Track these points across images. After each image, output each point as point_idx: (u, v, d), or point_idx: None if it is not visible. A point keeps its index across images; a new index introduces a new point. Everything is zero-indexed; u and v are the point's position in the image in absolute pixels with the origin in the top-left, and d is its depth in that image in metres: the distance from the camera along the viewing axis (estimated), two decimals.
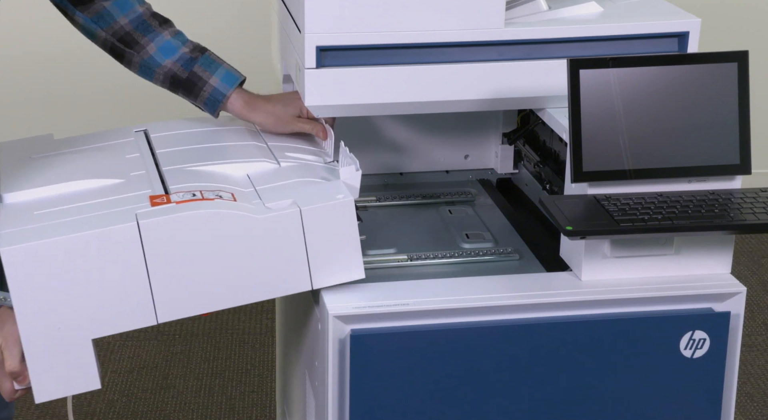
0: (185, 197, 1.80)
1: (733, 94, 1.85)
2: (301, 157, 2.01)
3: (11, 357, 1.81)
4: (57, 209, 1.81)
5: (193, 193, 1.81)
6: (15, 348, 1.80)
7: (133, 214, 1.74)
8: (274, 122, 2.10)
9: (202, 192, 1.82)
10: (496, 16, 1.93)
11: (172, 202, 1.78)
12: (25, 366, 1.81)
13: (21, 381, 1.82)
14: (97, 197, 1.84)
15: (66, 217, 1.77)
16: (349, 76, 1.92)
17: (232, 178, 1.92)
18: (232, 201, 1.80)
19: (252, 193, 1.86)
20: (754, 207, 1.83)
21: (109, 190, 1.86)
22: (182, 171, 1.93)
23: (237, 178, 1.92)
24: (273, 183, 1.90)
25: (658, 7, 2.07)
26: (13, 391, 1.85)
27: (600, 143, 1.83)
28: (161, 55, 2.11)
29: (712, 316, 1.87)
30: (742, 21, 4.41)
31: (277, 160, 1.98)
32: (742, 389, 3.30)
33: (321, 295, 1.84)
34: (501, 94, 1.97)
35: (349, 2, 1.87)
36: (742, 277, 3.82)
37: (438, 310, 1.82)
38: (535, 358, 1.84)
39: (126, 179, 1.91)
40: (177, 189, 1.84)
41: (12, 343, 1.80)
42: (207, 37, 4.27)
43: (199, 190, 1.83)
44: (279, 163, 1.98)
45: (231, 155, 2.00)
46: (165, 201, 1.79)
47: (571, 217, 1.78)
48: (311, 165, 1.98)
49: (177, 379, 3.32)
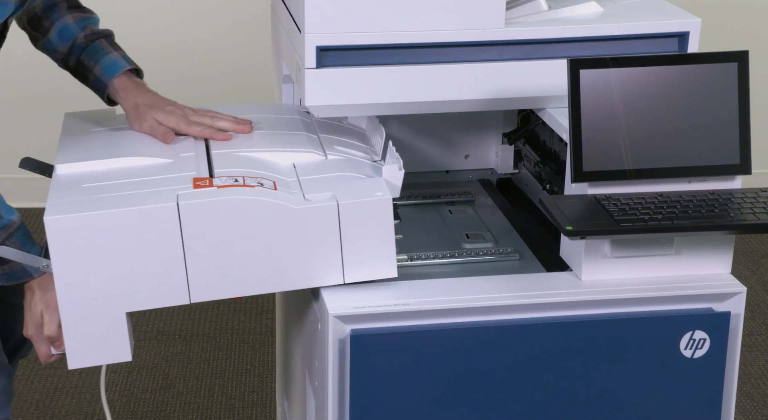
0: (227, 182, 1.83)
1: (734, 94, 1.85)
2: (349, 152, 2.02)
3: (51, 322, 1.90)
4: (105, 184, 1.86)
5: (235, 179, 1.84)
6: (55, 314, 1.88)
7: (175, 195, 1.78)
8: (132, 115, 2.08)
9: (245, 178, 1.85)
10: (497, 16, 1.92)
11: (214, 186, 1.82)
12: (62, 332, 1.87)
13: (58, 346, 1.92)
14: (144, 175, 1.89)
15: (112, 192, 1.82)
16: (349, 76, 1.92)
17: (277, 167, 1.94)
18: (273, 189, 1.83)
19: (294, 183, 1.89)
20: (754, 207, 1.83)
21: (157, 169, 1.91)
22: (230, 156, 1.96)
23: (282, 167, 1.94)
24: (316, 175, 1.92)
25: (658, 7, 2.07)
26: (49, 355, 1.94)
27: (600, 143, 1.83)
28: (57, 40, 2.13)
29: (713, 316, 1.87)
30: (742, 21, 4.41)
31: (324, 153, 2.00)
32: (742, 389, 3.30)
33: (321, 295, 1.84)
34: (501, 94, 1.97)
35: (349, 2, 1.87)
36: (742, 277, 3.82)
37: (438, 310, 1.82)
38: (535, 358, 1.84)
39: (175, 160, 1.95)
40: (221, 173, 1.88)
41: (53, 308, 1.89)
42: (207, 37, 4.28)
43: (242, 175, 1.86)
44: (326, 156, 1.99)
45: (281, 144, 2.02)
46: (207, 184, 1.83)
47: (571, 217, 1.78)
48: (357, 161, 1.99)
49: (177, 379, 3.32)
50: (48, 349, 1.93)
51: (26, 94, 4.31)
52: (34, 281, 1.92)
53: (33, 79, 4.24)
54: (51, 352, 1.93)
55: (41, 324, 1.91)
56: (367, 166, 1.97)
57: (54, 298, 1.87)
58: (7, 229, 1.87)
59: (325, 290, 1.85)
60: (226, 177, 1.85)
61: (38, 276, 1.91)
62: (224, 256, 1.79)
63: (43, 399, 3.20)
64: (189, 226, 1.77)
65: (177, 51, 4.23)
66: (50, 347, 1.93)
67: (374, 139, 2.07)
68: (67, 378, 3.30)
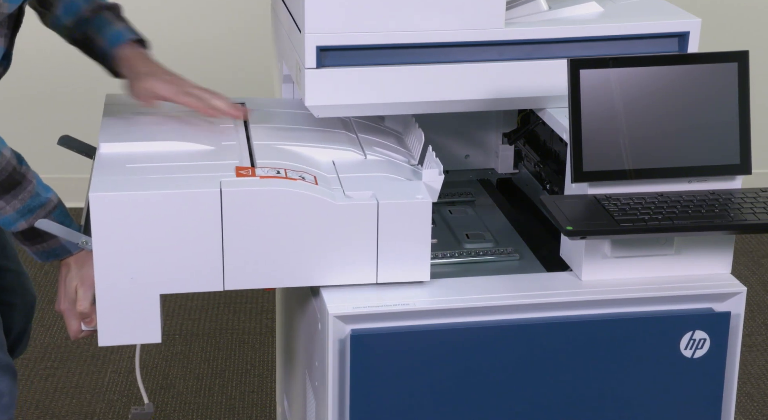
0: (269, 173, 1.85)
1: (734, 94, 1.85)
2: (387, 154, 2.03)
3: (84, 298, 1.92)
4: (148, 165, 1.88)
5: (277, 171, 1.86)
6: (89, 290, 1.91)
7: (218, 182, 1.80)
8: (130, 83, 2.06)
9: (287, 171, 1.87)
10: (497, 16, 1.92)
11: (257, 176, 1.84)
12: (94, 309, 1.90)
13: (88, 322, 1.94)
14: (186, 160, 1.91)
15: (155, 174, 1.84)
16: (349, 76, 1.92)
17: (317, 162, 1.95)
18: (314, 184, 1.84)
19: (334, 180, 1.90)
20: (755, 207, 1.83)
21: (199, 155, 1.93)
22: (271, 147, 1.98)
23: (322, 163, 1.96)
24: (356, 173, 1.94)
25: (658, 7, 2.07)
26: (79, 331, 1.96)
27: (600, 143, 1.83)
28: (64, 15, 2.12)
29: (713, 316, 1.87)
30: (742, 21, 4.41)
31: (363, 152, 2.01)
32: (742, 389, 3.30)
33: (321, 295, 1.84)
34: (501, 94, 1.97)
35: (349, 2, 1.87)
36: (742, 277, 3.82)
37: (438, 310, 1.82)
38: (536, 358, 1.84)
39: (216, 147, 1.96)
40: (263, 164, 1.90)
41: (88, 285, 1.92)
42: (208, 37, 4.28)
43: (284, 168, 1.88)
44: (365, 156, 2.00)
45: (321, 140, 2.03)
46: (250, 174, 1.85)
47: (572, 217, 1.78)
48: (396, 163, 2.01)
49: (177, 379, 3.32)
50: (78, 324, 1.95)
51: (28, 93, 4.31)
52: (71, 257, 1.95)
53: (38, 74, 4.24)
54: (81, 328, 1.95)
55: (74, 299, 1.93)
56: (404, 169, 1.98)
57: (89, 274, 1.89)
58: (45, 207, 1.89)
59: (325, 290, 1.85)
60: (269, 168, 1.87)
61: (76, 252, 1.93)
62: (261, 246, 1.81)
63: (43, 399, 3.20)
64: (230, 214, 1.79)
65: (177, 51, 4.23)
66: (80, 323, 1.94)
67: (410, 142, 2.08)
68: (67, 378, 3.30)
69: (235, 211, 1.79)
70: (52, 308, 3.61)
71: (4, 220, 1.88)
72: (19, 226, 1.89)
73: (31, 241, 1.92)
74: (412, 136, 2.07)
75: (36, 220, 1.88)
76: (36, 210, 1.88)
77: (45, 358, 3.38)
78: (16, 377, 2.07)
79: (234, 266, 1.81)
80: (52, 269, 3.80)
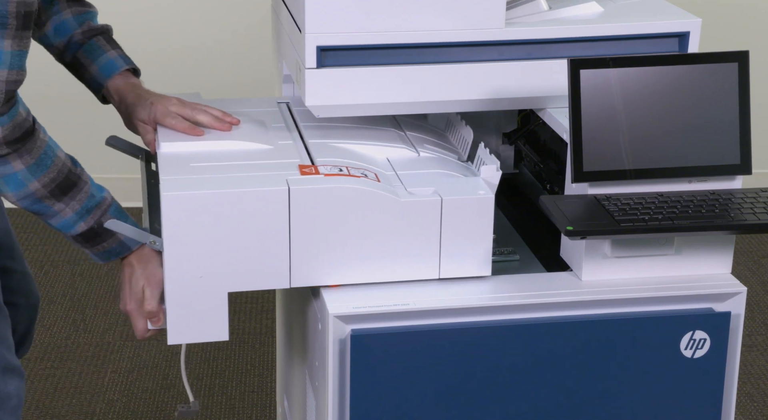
0: (332, 171, 1.87)
1: (734, 94, 1.85)
2: (439, 151, 2.05)
3: (152, 297, 1.92)
4: (212, 164, 1.90)
5: (340, 168, 1.88)
6: (156, 289, 1.92)
7: (284, 180, 1.82)
8: (124, 119, 2.11)
9: (349, 168, 1.89)
10: (497, 16, 1.92)
11: (321, 174, 1.85)
12: (161, 308, 1.91)
13: (155, 322, 1.94)
14: (247, 159, 1.93)
15: (221, 173, 1.86)
16: (350, 76, 1.92)
17: (373, 160, 1.98)
18: (376, 181, 1.86)
19: (393, 177, 1.92)
20: (755, 207, 1.83)
21: (260, 154, 1.95)
22: (326, 145, 2.00)
23: (378, 161, 1.98)
24: (412, 170, 1.96)
25: (659, 7, 2.07)
26: (145, 331, 1.96)
27: (600, 143, 1.83)
28: (54, 35, 2.13)
29: (713, 316, 1.87)
30: (742, 21, 4.41)
31: (416, 149, 2.03)
32: (742, 389, 3.30)
33: (321, 295, 1.84)
34: (501, 94, 1.97)
35: (350, 2, 1.87)
36: (742, 277, 3.82)
37: (438, 310, 1.82)
38: (536, 358, 1.84)
39: (274, 146, 1.98)
40: (323, 162, 1.92)
41: (154, 283, 1.92)
42: (208, 37, 4.28)
43: (345, 166, 1.90)
44: (418, 153, 2.02)
45: (372, 138, 2.05)
46: (313, 172, 1.87)
47: (572, 217, 1.78)
48: (448, 159, 2.02)
49: (177, 379, 3.32)
50: (145, 324, 1.95)
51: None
52: (133, 256, 1.95)
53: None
54: (147, 328, 1.95)
55: (142, 299, 1.93)
56: (457, 165, 2.00)
57: (155, 273, 1.91)
58: (101, 207, 1.90)
59: (326, 290, 1.85)
60: (330, 166, 1.89)
61: (136, 249, 1.94)
62: (327, 243, 1.83)
63: (43, 399, 3.20)
64: (297, 211, 1.81)
65: (177, 51, 4.23)
66: (147, 322, 1.94)
67: (455, 139, 2.10)
68: (67, 378, 3.30)
69: (303, 208, 1.81)
70: (52, 308, 3.61)
71: (64, 223, 1.89)
72: (78, 228, 1.90)
73: (91, 242, 1.92)
74: (459, 133, 2.09)
75: (94, 220, 1.89)
76: (93, 210, 1.89)
77: (45, 358, 3.38)
78: (23, 379, 2.08)
79: (300, 263, 1.83)
80: (52, 269, 3.80)
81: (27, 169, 1.83)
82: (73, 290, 3.73)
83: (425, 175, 1.94)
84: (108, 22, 2.20)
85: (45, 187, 1.85)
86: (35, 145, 1.83)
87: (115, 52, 2.12)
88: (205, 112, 2.03)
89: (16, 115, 1.80)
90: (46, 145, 1.85)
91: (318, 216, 1.81)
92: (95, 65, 2.11)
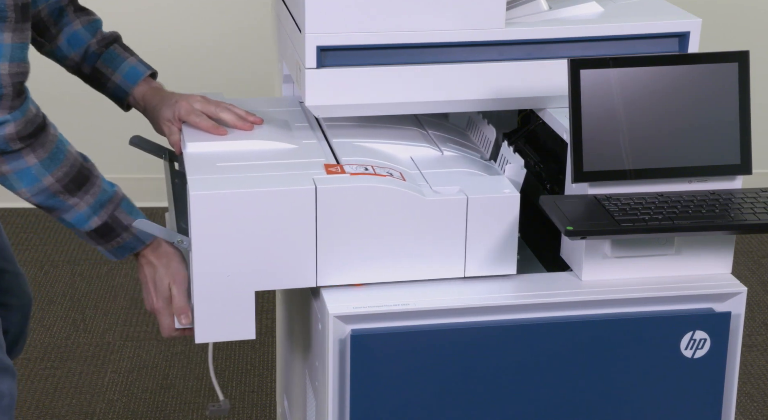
0: (358, 170, 1.88)
1: (734, 94, 1.85)
2: (462, 150, 2.06)
3: (179, 295, 1.93)
4: (238, 164, 1.90)
5: (365, 167, 1.89)
6: (182, 287, 1.93)
7: (311, 179, 1.83)
8: (152, 123, 2.13)
9: (374, 167, 1.89)
10: (497, 16, 1.92)
11: (347, 173, 1.86)
12: (189, 305, 1.91)
13: (184, 319, 1.93)
14: (273, 158, 1.93)
15: (248, 172, 1.86)
16: (349, 76, 1.92)
17: (397, 159, 1.98)
18: (401, 180, 1.86)
19: (417, 176, 1.93)
20: (755, 207, 1.83)
21: (285, 154, 1.96)
22: (350, 145, 2.00)
23: (402, 159, 1.99)
24: (437, 169, 1.96)
25: (659, 7, 2.07)
26: (172, 329, 1.95)
27: (600, 143, 1.83)
28: (68, 47, 2.13)
29: (713, 317, 1.87)
30: (742, 21, 4.41)
31: (439, 148, 2.03)
32: (742, 389, 3.30)
33: (321, 295, 1.84)
34: (501, 94, 1.97)
35: (350, 2, 1.87)
36: (742, 277, 3.82)
37: (438, 310, 1.82)
38: (536, 359, 1.84)
39: (299, 146, 1.99)
40: (348, 161, 1.92)
41: (180, 281, 1.93)
42: (208, 37, 4.28)
43: (371, 165, 1.91)
44: (442, 152, 2.03)
45: (395, 137, 2.05)
46: (339, 171, 1.87)
47: (572, 217, 1.78)
48: (472, 158, 2.03)
49: (177, 379, 3.32)
50: (173, 322, 1.95)
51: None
52: (151, 254, 1.95)
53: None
54: (174, 326, 1.95)
55: (168, 297, 1.93)
56: (481, 164, 2.01)
57: (180, 271, 1.92)
58: (113, 201, 1.91)
59: (326, 290, 1.85)
60: (356, 165, 1.90)
61: (149, 243, 1.94)
62: (353, 242, 1.84)
63: (43, 399, 3.20)
64: (324, 210, 1.81)
65: (178, 51, 4.24)
66: (174, 321, 1.94)
67: (477, 138, 2.11)
68: (67, 378, 3.29)
69: (330, 207, 1.81)
70: (52, 308, 3.61)
71: (79, 217, 1.90)
72: (92, 222, 1.90)
73: (106, 237, 1.93)
74: (481, 132, 2.10)
75: (107, 214, 1.90)
76: (106, 204, 1.90)
77: (45, 358, 3.38)
78: (15, 378, 2.08)
79: (327, 262, 1.84)
80: (52, 269, 3.80)
81: (40, 163, 1.84)
82: (73, 290, 3.73)
83: (450, 173, 1.94)
84: (108, 23, 2.20)
85: (59, 182, 1.86)
86: (47, 139, 1.85)
87: (134, 59, 2.14)
88: (229, 110, 2.04)
89: (28, 110, 1.81)
90: (57, 140, 1.87)
91: (344, 215, 1.82)
92: (118, 73, 2.12)
